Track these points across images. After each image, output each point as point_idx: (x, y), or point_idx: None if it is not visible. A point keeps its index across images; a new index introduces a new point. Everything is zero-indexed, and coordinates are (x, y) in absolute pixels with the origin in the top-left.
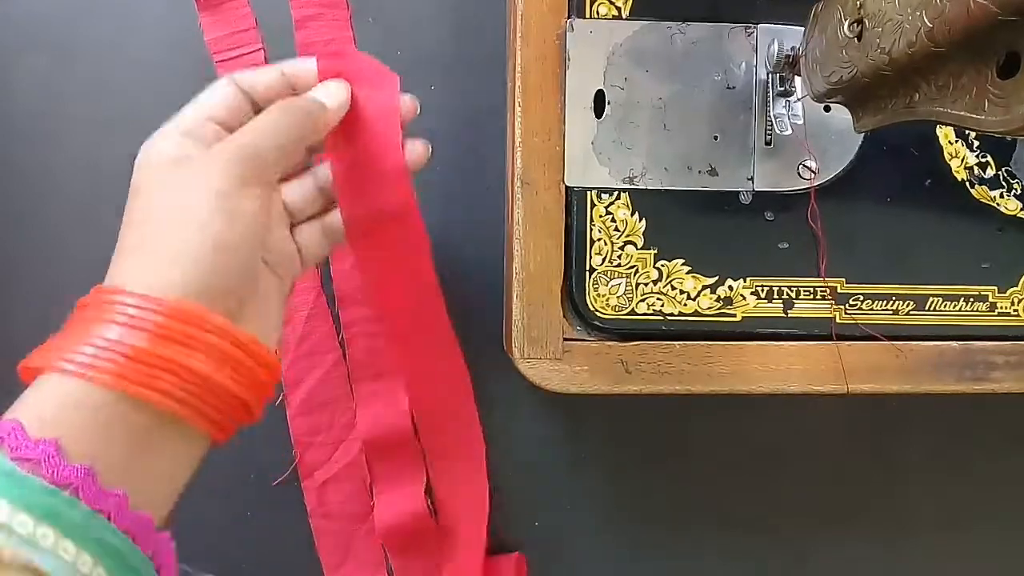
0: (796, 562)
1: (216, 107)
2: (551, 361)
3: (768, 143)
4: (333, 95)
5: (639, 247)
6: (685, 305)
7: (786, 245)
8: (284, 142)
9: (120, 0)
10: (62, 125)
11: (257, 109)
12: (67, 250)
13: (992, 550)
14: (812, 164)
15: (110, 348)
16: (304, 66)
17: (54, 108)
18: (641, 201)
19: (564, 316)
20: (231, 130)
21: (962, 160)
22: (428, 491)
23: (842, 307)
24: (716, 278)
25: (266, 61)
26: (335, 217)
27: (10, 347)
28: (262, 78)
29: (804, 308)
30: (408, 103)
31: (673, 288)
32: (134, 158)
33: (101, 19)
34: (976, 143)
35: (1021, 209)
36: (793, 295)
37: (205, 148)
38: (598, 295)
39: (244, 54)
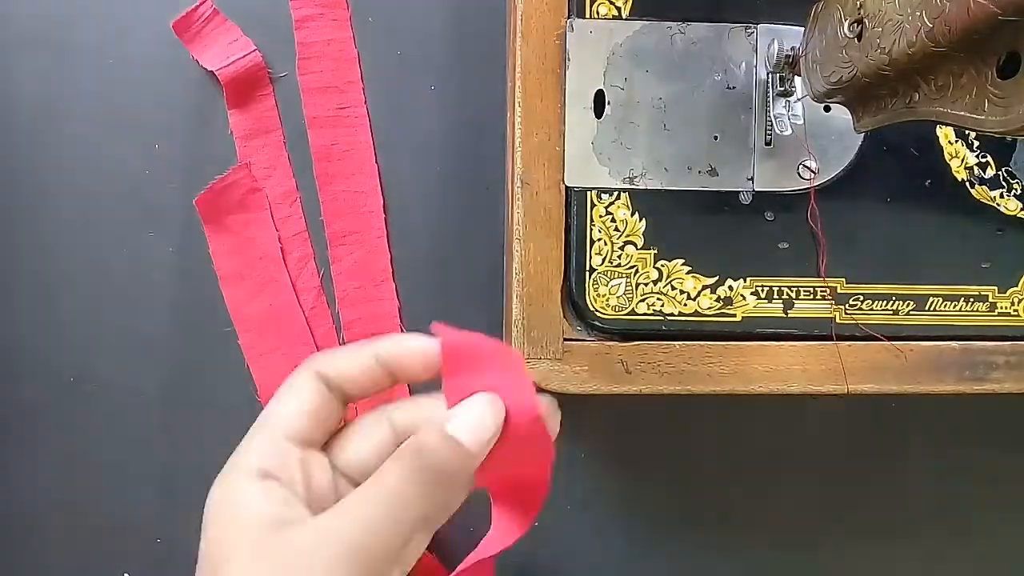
0: (796, 561)
1: (296, 420)
2: (551, 361)
3: (768, 143)
4: (477, 429)
5: (639, 247)
6: (685, 305)
7: (786, 245)
8: (411, 530)
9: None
10: (62, 124)
11: (347, 398)
12: (67, 249)
13: (993, 550)
14: (812, 164)
15: None
16: (406, 349)
17: (54, 107)
18: (641, 201)
19: (564, 316)
20: (317, 443)
21: (962, 160)
22: None
23: (842, 307)
24: (716, 278)
25: (265, 62)
26: None
27: (10, 346)
28: (350, 369)
29: (804, 308)
30: (553, 411)
31: (673, 288)
32: (132, 158)
33: (101, 18)
34: (976, 143)
35: (1021, 209)
36: (793, 295)
37: (300, 502)
38: (598, 295)
39: (239, 58)
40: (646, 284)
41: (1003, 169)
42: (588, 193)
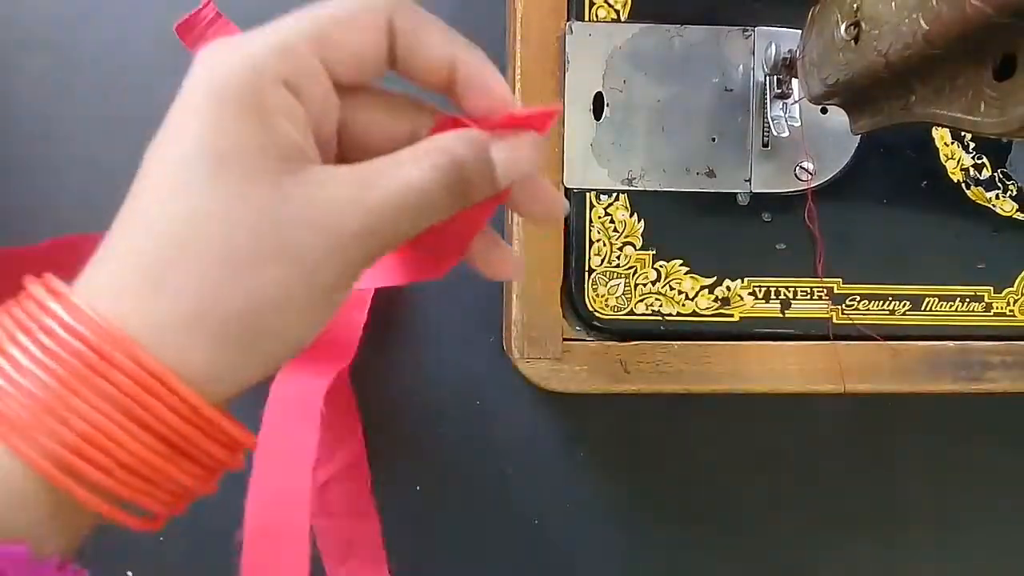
0: (794, 561)
1: (342, 34)
2: (551, 361)
3: (765, 145)
4: (518, 166)
5: (638, 248)
6: (683, 305)
7: (783, 246)
8: (424, 221)
9: (121, 1)
10: (63, 125)
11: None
12: None
13: (990, 550)
14: (809, 166)
15: (25, 394)
16: (486, 77)
17: (55, 108)
18: (640, 202)
19: (563, 316)
20: (338, 83)
21: (958, 162)
22: None
23: (839, 307)
24: (714, 279)
25: None
26: None
27: None
28: (427, 43)
29: (801, 308)
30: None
31: (671, 288)
32: (134, 161)
33: (102, 20)
34: (972, 145)
35: (1016, 210)
36: (790, 295)
37: (312, 151)
38: (597, 295)
39: None
40: (645, 284)
41: (999, 170)
42: (587, 194)
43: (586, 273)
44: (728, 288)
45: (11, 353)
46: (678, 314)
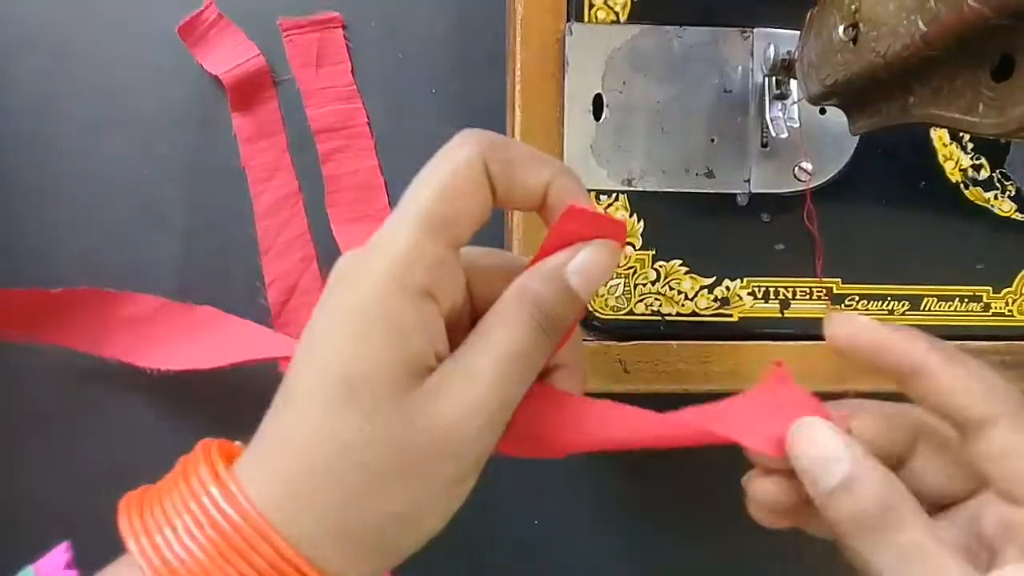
0: (795, 562)
1: (461, 217)
2: None
3: (764, 145)
4: (593, 279)
5: (637, 248)
6: (683, 305)
7: (782, 246)
8: (531, 375)
9: (121, 1)
10: (61, 126)
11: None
12: (66, 250)
13: None
14: (808, 166)
15: (182, 563)
16: (575, 195)
17: (53, 108)
18: (639, 203)
19: None
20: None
21: (956, 162)
22: None
23: (838, 307)
24: (713, 279)
25: (268, 66)
26: None
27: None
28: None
29: (800, 308)
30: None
31: (671, 288)
32: (136, 160)
33: (100, 20)
34: (970, 145)
35: (1015, 210)
36: (789, 295)
37: (442, 346)
38: (597, 295)
39: (243, 62)
40: (644, 284)
41: (997, 171)
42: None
43: None
44: (727, 288)
45: (176, 524)
46: (678, 314)
